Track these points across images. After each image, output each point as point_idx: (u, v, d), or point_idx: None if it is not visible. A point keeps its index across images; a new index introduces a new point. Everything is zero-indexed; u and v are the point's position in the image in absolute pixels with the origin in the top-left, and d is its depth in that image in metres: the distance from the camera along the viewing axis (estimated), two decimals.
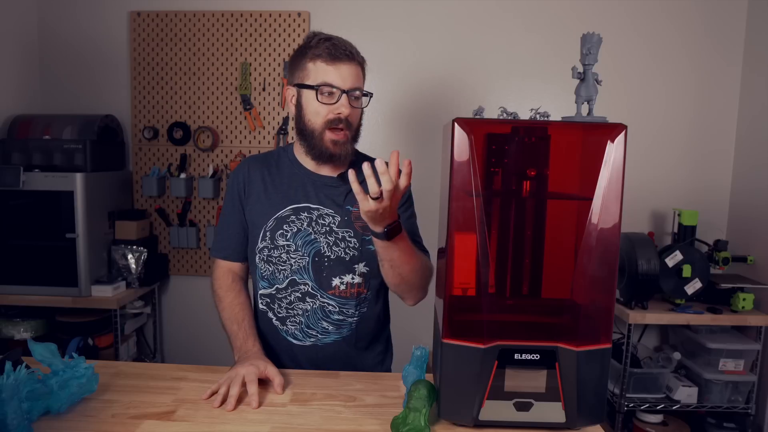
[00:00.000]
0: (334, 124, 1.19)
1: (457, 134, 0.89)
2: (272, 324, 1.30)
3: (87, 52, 2.56)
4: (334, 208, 1.27)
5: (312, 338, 1.28)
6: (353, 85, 1.19)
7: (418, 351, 1.03)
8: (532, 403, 0.92)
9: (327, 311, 1.27)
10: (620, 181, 0.89)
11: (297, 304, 1.27)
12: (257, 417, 0.98)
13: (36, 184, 2.15)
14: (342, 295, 1.27)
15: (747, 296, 2.15)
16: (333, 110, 1.18)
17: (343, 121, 1.19)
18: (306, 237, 1.26)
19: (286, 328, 1.29)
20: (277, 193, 1.28)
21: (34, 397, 0.92)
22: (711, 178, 2.51)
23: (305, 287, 1.26)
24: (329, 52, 1.17)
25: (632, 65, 2.46)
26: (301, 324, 1.28)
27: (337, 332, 1.28)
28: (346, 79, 1.18)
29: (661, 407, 2.18)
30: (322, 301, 1.26)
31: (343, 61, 1.18)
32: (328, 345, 1.28)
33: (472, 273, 0.92)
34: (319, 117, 1.19)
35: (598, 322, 0.93)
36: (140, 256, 2.37)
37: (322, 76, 1.18)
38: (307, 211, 1.26)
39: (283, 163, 1.32)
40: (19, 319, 2.23)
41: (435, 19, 2.48)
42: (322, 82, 1.18)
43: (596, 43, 0.96)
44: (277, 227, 1.26)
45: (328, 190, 1.28)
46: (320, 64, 1.18)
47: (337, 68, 1.17)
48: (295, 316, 1.28)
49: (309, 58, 1.19)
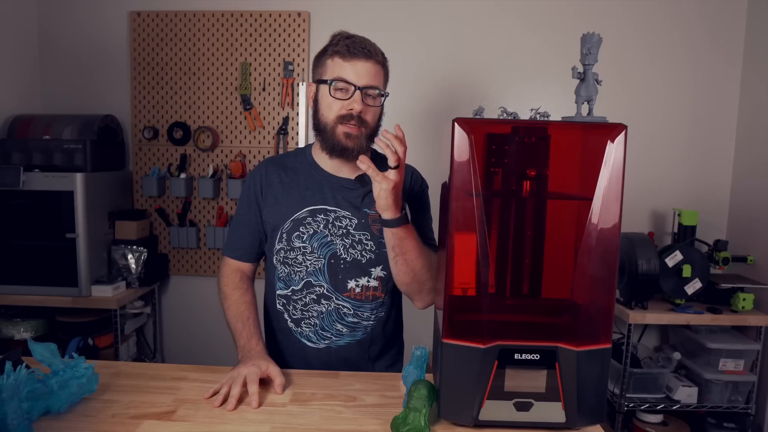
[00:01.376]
0: (346, 120, 1.19)
1: (457, 134, 0.89)
2: (287, 325, 1.30)
3: (87, 52, 2.56)
4: (351, 211, 1.26)
5: (326, 340, 1.28)
6: (368, 82, 1.18)
7: (418, 351, 1.03)
8: (532, 403, 0.92)
9: (342, 313, 1.27)
10: (620, 181, 0.89)
11: (312, 306, 1.27)
12: (257, 417, 0.98)
13: (36, 184, 2.15)
14: (357, 297, 1.27)
15: (747, 296, 2.16)
16: (345, 105, 1.18)
17: (355, 117, 1.18)
18: (322, 239, 1.25)
19: (300, 330, 1.29)
20: (293, 195, 1.28)
21: (34, 397, 0.92)
22: (711, 178, 2.51)
23: (320, 289, 1.26)
24: (347, 48, 1.18)
25: (632, 65, 2.47)
26: (316, 326, 1.28)
27: (351, 335, 1.28)
28: (361, 76, 1.18)
29: (661, 407, 2.18)
30: (337, 303, 1.26)
31: (359, 58, 1.18)
32: (342, 348, 1.28)
33: (472, 273, 0.92)
34: (332, 111, 1.20)
35: (598, 322, 0.93)
36: (140, 256, 2.37)
37: (337, 71, 1.18)
38: (324, 213, 1.26)
39: (300, 164, 1.32)
40: (19, 319, 2.23)
41: (435, 19, 2.48)
42: (337, 77, 1.18)
43: (596, 43, 0.96)
44: (294, 229, 1.26)
45: (346, 192, 1.27)
46: (337, 60, 1.19)
47: (352, 65, 1.18)
48: (310, 318, 1.28)
49: (329, 55, 1.21)
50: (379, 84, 1.22)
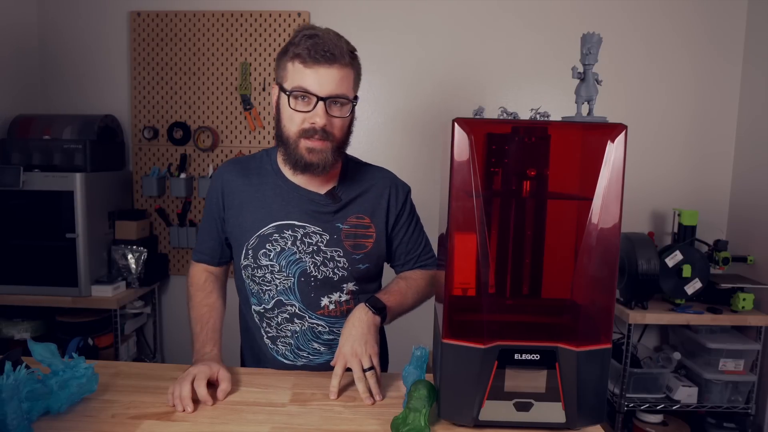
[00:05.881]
0: (308, 134, 1.08)
1: (457, 134, 0.89)
2: (264, 342, 1.25)
3: (87, 52, 2.56)
4: (321, 226, 1.18)
5: (303, 359, 1.23)
6: (332, 92, 1.06)
7: (418, 351, 1.03)
8: (532, 403, 0.91)
9: (317, 332, 1.22)
10: (620, 181, 0.89)
11: (286, 326, 1.21)
12: (257, 417, 0.98)
13: (36, 184, 2.15)
14: (332, 314, 1.21)
15: (747, 296, 2.15)
16: (308, 119, 1.07)
17: (318, 131, 1.07)
18: (290, 256, 1.17)
19: (276, 348, 1.24)
20: (259, 208, 1.19)
21: (33, 398, 0.92)
22: (711, 178, 2.51)
23: (292, 308, 1.20)
24: (308, 52, 1.04)
25: (632, 65, 2.47)
26: (291, 345, 1.23)
27: (329, 352, 1.22)
28: (323, 85, 1.05)
29: (661, 407, 2.18)
30: (311, 322, 1.21)
31: (322, 63, 1.04)
32: (321, 366, 1.23)
33: (472, 273, 0.92)
34: (294, 124, 1.09)
35: (598, 322, 0.92)
36: (140, 256, 2.37)
37: (298, 79, 1.06)
38: (291, 229, 1.17)
39: (265, 171, 1.22)
40: (19, 319, 2.23)
41: (435, 19, 2.48)
42: (297, 86, 1.06)
43: (596, 43, 0.96)
44: (260, 246, 1.18)
45: (315, 206, 1.18)
46: (298, 65, 1.06)
47: (314, 71, 1.05)
48: (284, 337, 1.22)
49: (289, 57, 1.08)
50: (347, 90, 1.09)
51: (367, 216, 1.22)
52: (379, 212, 1.23)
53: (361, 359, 1.06)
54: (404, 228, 1.28)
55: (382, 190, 1.24)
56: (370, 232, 1.22)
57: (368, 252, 1.22)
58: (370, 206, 1.23)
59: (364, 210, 1.22)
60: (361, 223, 1.21)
